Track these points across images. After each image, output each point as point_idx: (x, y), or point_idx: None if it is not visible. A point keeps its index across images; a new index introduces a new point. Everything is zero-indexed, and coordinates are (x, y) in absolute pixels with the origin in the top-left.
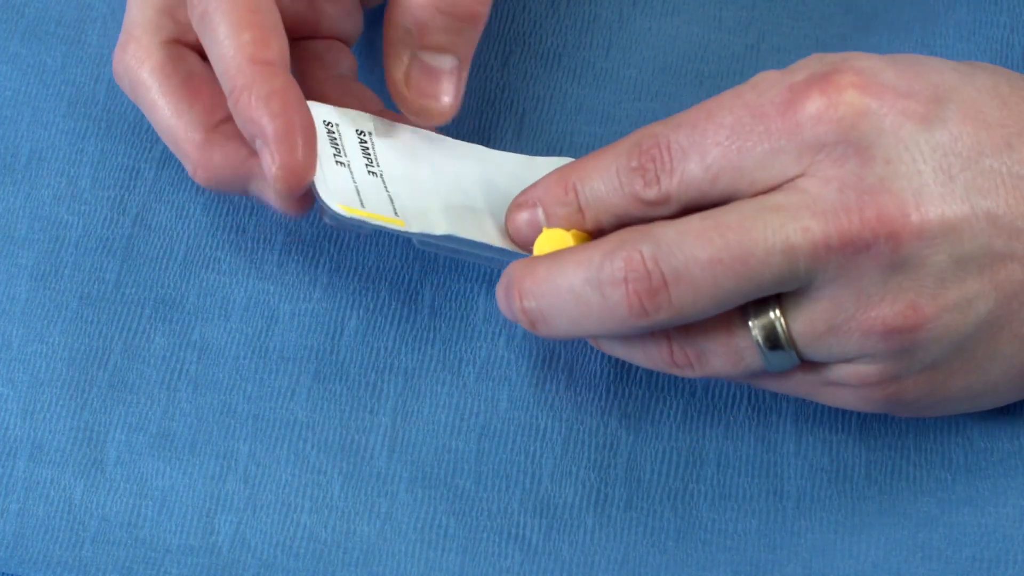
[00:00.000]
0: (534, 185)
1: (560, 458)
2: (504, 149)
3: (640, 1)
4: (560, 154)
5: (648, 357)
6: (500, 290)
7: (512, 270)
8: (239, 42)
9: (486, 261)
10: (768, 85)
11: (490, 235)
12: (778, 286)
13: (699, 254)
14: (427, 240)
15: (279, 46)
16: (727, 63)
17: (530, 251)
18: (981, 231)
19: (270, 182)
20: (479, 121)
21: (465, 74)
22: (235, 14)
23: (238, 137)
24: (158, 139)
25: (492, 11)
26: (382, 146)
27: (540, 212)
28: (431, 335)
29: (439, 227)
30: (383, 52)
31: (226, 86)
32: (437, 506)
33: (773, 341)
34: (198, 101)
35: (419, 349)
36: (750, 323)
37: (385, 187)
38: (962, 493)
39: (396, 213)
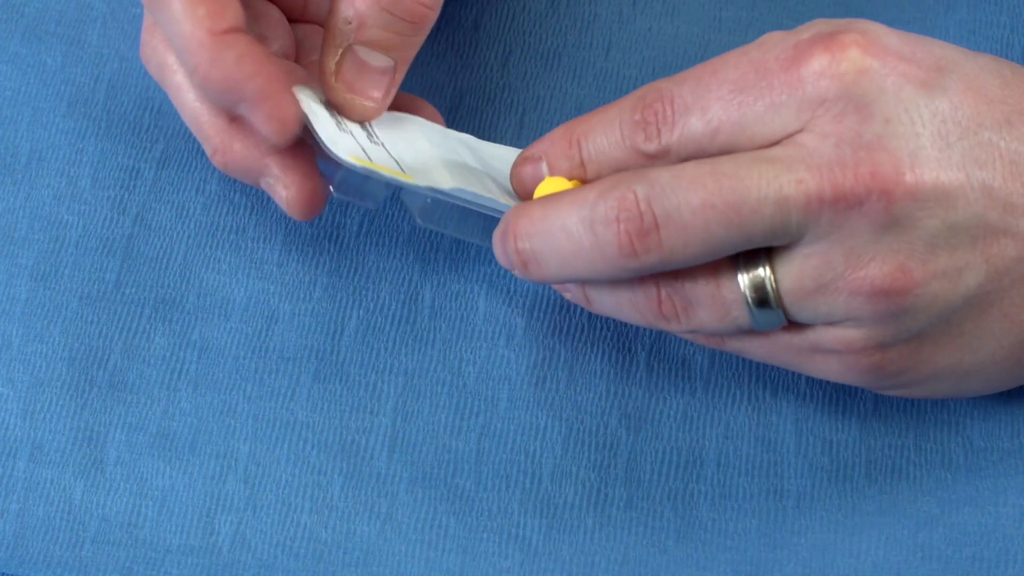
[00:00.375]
0: (540, 140)
1: (560, 458)
2: None
3: (640, 1)
4: None
5: (635, 307)
6: (496, 235)
7: (509, 214)
8: (196, 17)
9: (486, 237)
10: (773, 43)
11: (494, 193)
12: (769, 238)
13: (692, 198)
14: (436, 198)
15: (235, 11)
16: None
17: None
18: (975, 201)
19: (268, 136)
20: (479, 121)
21: (400, 76)
22: None
23: None
24: (158, 139)
25: (492, 11)
26: (378, 124)
27: (544, 166)
28: (431, 335)
29: (446, 182)
30: (322, 41)
31: (189, 62)
32: (437, 506)
33: (761, 296)
34: None
35: (419, 349)
36: (739, 276)
37: (389, 153)
38: (962, 493)
39: (403, 171)
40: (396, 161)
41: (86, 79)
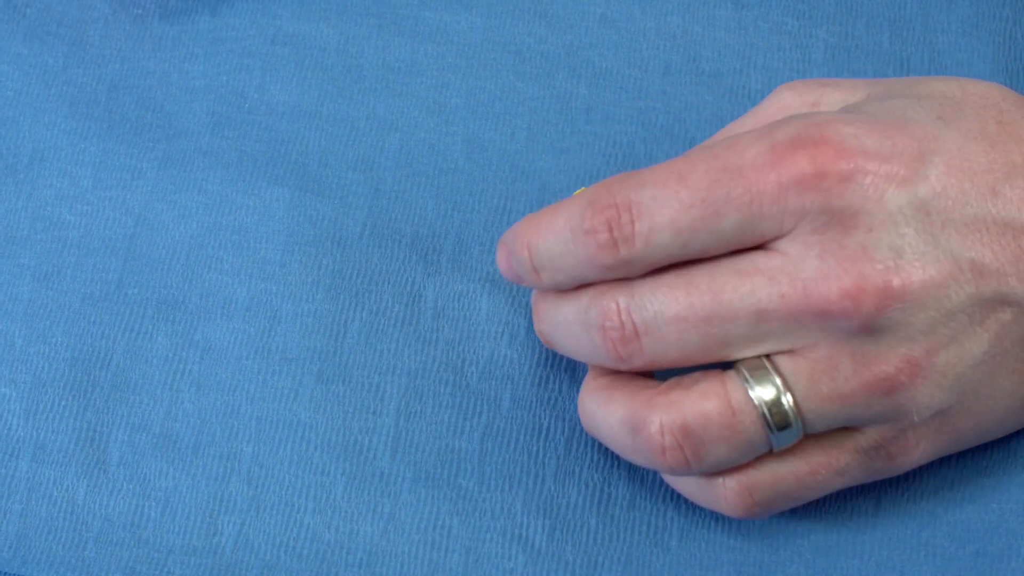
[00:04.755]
0: (511, 229)
1: (563, 458)
2: (502, 149)
3: (640, 1)
4: (560, 155)
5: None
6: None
7: (535, 296)
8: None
9: None
10: (745, 145)
11: None
12: (749, 342)
13: (666, 311)
14: None
15: None
16: (727, 62)
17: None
18: (967, 282)
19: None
20: (479, 125)
21: None
22: None
23: None
24: (160, 139)
25: (493, 13)
26: None
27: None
28: (434, 335)
29: None
30: None
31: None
32: (440, 506)
33: (780, 415)
34: None
35: (422, 350)
36: (751, 395)
37: None
38: (965, 490)
39: None
40: None
41: (88, 79)
